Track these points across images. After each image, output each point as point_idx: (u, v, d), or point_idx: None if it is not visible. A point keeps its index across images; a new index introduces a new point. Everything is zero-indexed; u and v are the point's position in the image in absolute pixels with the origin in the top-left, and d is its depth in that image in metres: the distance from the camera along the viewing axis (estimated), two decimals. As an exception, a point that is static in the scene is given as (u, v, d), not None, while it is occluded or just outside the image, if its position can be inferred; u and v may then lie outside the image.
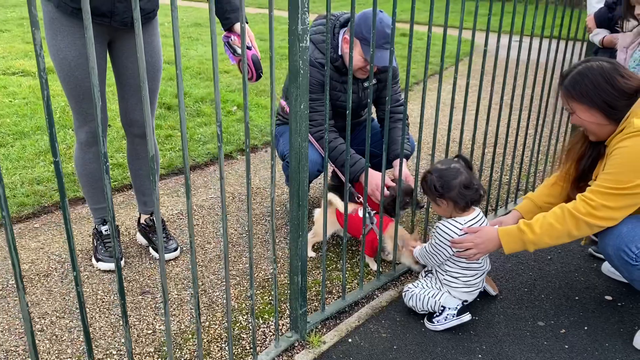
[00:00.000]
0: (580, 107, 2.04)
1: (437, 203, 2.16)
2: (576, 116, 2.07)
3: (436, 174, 2.12)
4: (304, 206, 1.92)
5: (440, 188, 2.10)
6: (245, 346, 2.09)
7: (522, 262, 2.65)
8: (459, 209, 2.15)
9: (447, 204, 2.13)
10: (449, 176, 2.10)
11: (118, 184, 3.46)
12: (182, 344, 2.10)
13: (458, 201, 2.12)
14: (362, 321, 2.22)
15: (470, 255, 2.11)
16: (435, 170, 2.14)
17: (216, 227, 2.98)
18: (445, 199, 2.12)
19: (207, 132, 4.36)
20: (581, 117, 2.05)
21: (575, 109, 2.05)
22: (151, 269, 2.58)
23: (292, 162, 1.85)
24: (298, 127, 1.79)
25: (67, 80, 2.27)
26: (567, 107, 2.10)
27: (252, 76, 2.46)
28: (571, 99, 2.05)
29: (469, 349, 2.07)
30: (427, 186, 2.14)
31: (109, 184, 1.34)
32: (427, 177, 2.14)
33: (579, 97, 2.02)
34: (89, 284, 2.46)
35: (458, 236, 2.12)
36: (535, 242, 2.05)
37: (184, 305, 2.33)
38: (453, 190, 2.09)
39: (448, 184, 2.09)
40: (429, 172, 2.16)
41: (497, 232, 2.10)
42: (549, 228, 2.02)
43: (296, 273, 2.00)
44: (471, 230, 2.12)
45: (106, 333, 2.15)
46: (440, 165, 2.15)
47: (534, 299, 2.37)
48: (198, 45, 8.01)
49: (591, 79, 1.99)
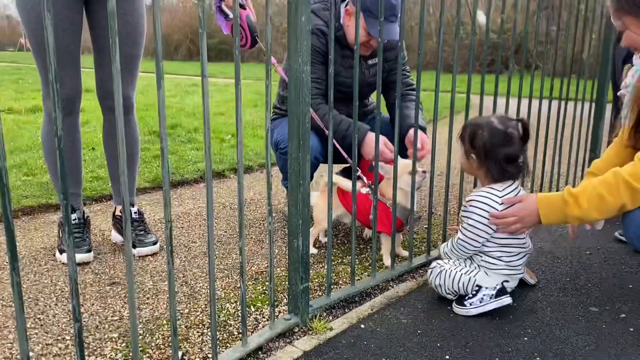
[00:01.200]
0: (634, 21, 1.72)
1: (469, 160, 1.81)
2: (627, 36, 1.76)
3: (487, 132, 1.74)
4: (306, 149, 1.59)
5: (483, 149, 1.74)
6: (233, 332, 1.68)
7: (557, 257, 2.27)
8: (489, 179, 1.81)
9: (478, 166, 1.80)
10: (499, 141, 1.73)
11: (96, 194, 3.12)
12: (155, 329, 1.69)
13: (493, 172, 1.77)
14: (377, 309, 1.82)
15: (515, 230, 1.75)
16: (488, 126, 1.75)
17: (202, 230, 2.61)
18: (481, 162, 1.77)
19: (199, 155, 4.08)
20: (634, 37, 1.74)
21: (629, 24, 1.73)
22: (124, 264, 2.19)
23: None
24: (299, 46, 1.50)
25: (35, 35, 2.00)
26: (619, 25, 1.78)
27: (245, 42, 2.19)
28: (623, 12, 1.73)
29: (511, 332, 1.66)
30: (470, 139, 1.78)
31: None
32: (477, 131, 1.76)
33: (633, 8, 1.71)
34: (48, 276, 2.07)
35: (499, 205, 1.76)
36: (581, 217, 1.69)
37: (160, 294, 1.93)
38: (494, 158, 1.74)
39: (494, 150, 1.73)
40: (478, 125, 1.77)
41: (536, 200, 1.76)
42: (599, 201, 1.66)
43: (295, 235, 1.63)
44: (512, 201, 1.76)
45: (60, 320, 1.74)
46: (496, 122, 1.76)
47: (580, 287, 1.98)
48: (194, 96, 7.93)
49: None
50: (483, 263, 1.80)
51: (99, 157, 3.88)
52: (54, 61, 0.98)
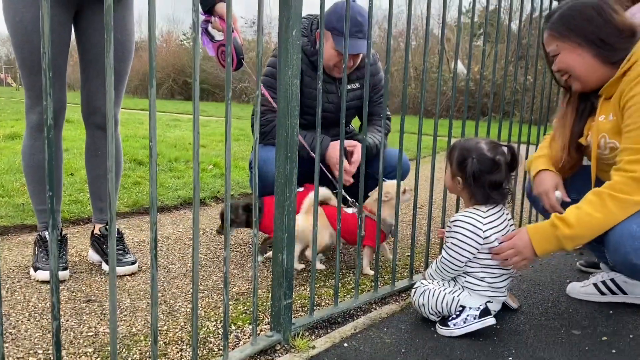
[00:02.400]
0: (568, 47, 1.77)
1: (454, 180, 1.83)
2: (561, 59, 1.80)
3: (476, 159, 1.74)
4: (293, 160, 1.60)
5: (471, 176, 1.74)
6: (213, 348, 1.63)
7: (538, 284, 2.28)
8: (473, 201, 1.82)
9: (462, 189, 1.81)
10: (486, 168, 1.74)
11: (74, 217, 3.05)
12: (132, 344, 1.63)
13: (476, 196, 1.79)
14: (360, 329, 1.79)
15: (516, 263, 1.75)
16: (477, 152, 1.75)
17: (182, 252, 2.57)
18: (466, 185, 1.78)
19: (179, 183, 4.05)
20: (568, 60, 1.79)
21: (562, 49, 1.78)
22: (101, 282, 2.14)
23: (281, 103, 1.56)
24: (289, 59, 1.53)
25: (21, 47, 1.99)
26: (553, 49, 1.83)
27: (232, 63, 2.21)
28: (558, 36, 1.78)
29: (495, 352, 1.65)
30: (458, 162, 1.78)
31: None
32: (466, 157, 1.75)
33: (568, 34, 1.75)
34: (21, 293, 2.00)
35: (483, 225, 1.76)
36: (573, 238, 1.69)
37: (137, 312, 1.87)
38: (480, 184, 1.75)
39: (480, 176, 1.74)
40: (467, 149, 1.76)
41: (527, 231, 1.76)
42: (588, 219, 1.68)
43: (280, 249, 1.62)
44: (507, 237, 1.77)
45: (33, 335, 1.68)
46: (485, 149, 1.76)
47: (562, 312, 1.98)
48: (176, 130, 7.93)
49: (583, 13, 1.74)
50: (467, 284, 1.80)
51: (77, 182, 3.82)
52: (48, 65, 0.98)
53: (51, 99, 0.97)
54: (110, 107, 1.08)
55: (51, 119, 1.00)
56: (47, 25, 0.96)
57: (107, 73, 1.07)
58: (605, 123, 1.81)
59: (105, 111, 2.18)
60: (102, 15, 2.06)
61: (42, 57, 0.96)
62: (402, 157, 2.06)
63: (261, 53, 1.44)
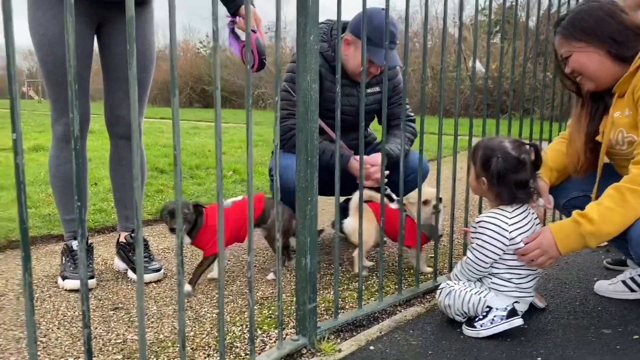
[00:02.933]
0: (580, 47, 1.80)
1: (478, 181, 1.80)
2: (575, 58, 1.82)
3: (501, 158, 1.72)
4: (314, 164, 1.60)
5: (496, 175, 1.72)
6: (240, 353, 1.64)
7: (565, 282, 2.25)
8: (498, 202, 1.80)
9: (487, 189, 1.78)
10: (511, 168, 1.72)
11: (98, 226, 3.10)
12: (160, 351, 1.65)
13: (502, 196, 1.76)
14: (385, 332, 1.78)
15: (542, 263, 1.73)
16: (502, 151, 1.73)
17: (207, 258, 2.59)
18: (492, 185, 1.76)
19: (201, 189, 4.09)
20: (580, 60, 1.80)
21: (575, 50, 1.81)
22: (127, 290, 2.17)
23: (300, 107, 1.57)
24: (307, 64, 1.53)
25: (45, 61, 2.04)
26: (564, 51, 1.85)
27: (253, 63, 2.21)
28: (570, 38, 1.81)
29: (524, 353, 1.63)
30: (483, 162, 1.76)
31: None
32: (491, 156, 1.73)
33: (579, 35, 1.78)
34: (50, 302, 2.04)
35: (509, 226, 1.74)
36: (596, 233, 1.68)
37: (164, 319, 1.89)
38: (505, 184, 1.73)
39: (506, 176, 1.72)
40: (492, 149, 1.74)
41: (550, 230, 1.75)
42: (609, 213, 1.66)
43: (303, 253, 1.62)
44: (531, 239, 1.75)
45: (63, 343, 1.71)
46: (510, 148, 1.74)
47: (590, 310, 1.95)
48: (195, 137, 8.00)
49: (592, 14, 1.78)
50: (493, 285, 1.78)
51: (101, 191, 3.88)
52: (74, 77, 1.00)
53: (78, 110, 0.99)
54: (134, 116, 1.09)
55: (78, 130, 1.02)
56: (72, 39, 0.98)
57: (130, 83, 1.09)
58: (622, 118, 1.82)
59: (128, 120, 2.23)
60: (122, 27, 2.12)
61: (67, 70, 0.98)
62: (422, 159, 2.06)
63: (279, 59, 1.45)
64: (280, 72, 1.49)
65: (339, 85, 1.66)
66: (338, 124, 1.70)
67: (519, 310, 1.78)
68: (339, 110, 1.69)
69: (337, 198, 1.76)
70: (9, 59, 0.92)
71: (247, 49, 1.37)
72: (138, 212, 1.14)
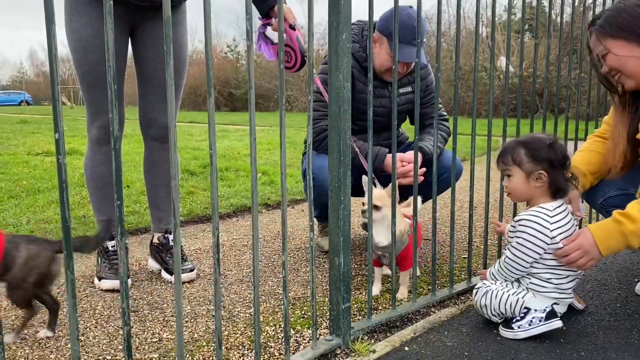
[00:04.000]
0: (617, 44, 1.75)
1: (529, 180, 1.72)
2: (612, 56, 1.77)
3: (553, 144, 1.71)
4: (346, 164, 1.59)
5: (557, 161, 1.70)
6: (274, 353, 1.64)
7: (604, 284, 2.19)
8: (549, 194, 1.74)
9: (544, 183, 1.71)
10: (562, 150, 1.73)
11: (132, 227, 3.15)
12: (195, 350, 1.66)
13: (559, 184, 1.72)
14: (419, 333, 1.76)
15: (583, 264, 1.68)
16: (548, 140, 1.72)
17: (238, 259, 2.61)
18: (550, 177, 1.70)
19: (230, 191, 4.12)
20: (619, 55, 1.75)
21: (612, 47, 1.76)
22: (161, 290, 2.19)
23: (332, 102, 1.56)
24: (339, 63, 1.53)
25: (81, 64, 2.08)
26: (601, 50, 1.80)
27: (295, 63, 2.19)
28: (607, 36, 1.76)
29: (563, 355, 1.59)
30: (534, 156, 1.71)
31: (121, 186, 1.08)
32: (542, 147, 1.71)
33: (616, 32, 1.74)
34: (87, 301, 2.07)
35: (550, 225, 1.69)
36: (638, 232, 1.62)
37: (199, 318, 1.90)
38: (561, 170, 1.71)
39: (565, 159, 1.72)
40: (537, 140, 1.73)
41: (590, 230, 1.70)
42: None
43: (337, 253, 1.62)
44: (570, 240, 1.70)
45: (101, 341, 1.73)
46: (544, 137, 1.74)
47: (632, 313, 1.90)
48: (224, 140, 8.08)
49: (628, 11, 1.74)
50: (531, 286, 1.74)
51: (133, 193, 3.94)
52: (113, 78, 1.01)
53: (117, 111, 1.01)
54: (171, 115, 1.11)
55: (117, 130, 1.03)
56: (112, 40, 1.00)
57: (167, 83, 1.10)
58: None
59: (161, 123, 2.26)
60: (156, 31, 2.15)
61: (107, 71, 1.00)
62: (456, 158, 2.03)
63: (312, 57, 1.45)
64: (313, 69, 1.49)
65: (371, 83, 1.65)
66: (370, 122, 1.69)
67: (558, 312, 1.73)
68: (371, 109, 1.67)
69: (370, 197, 1.75)
70: (51, 59, 0.94)
71: (280, 46, 1.37)
72: (176, 210, 1.15)
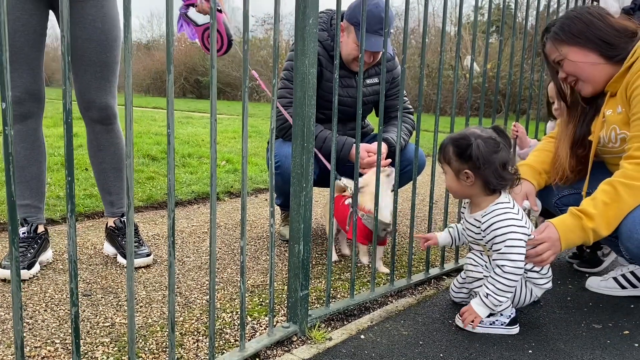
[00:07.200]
0: (572, 50, 1.82)
1: (459, 179, 1.70)
2: (568, 62, 1.83)
3: (480, 141, 1.63)
4: (309, 150, 1.58)
5: (481, 159, 1.63)
6: (229, 339, 1.62)
7: (557, 279, 2.24)
8: (486, 192, 1.72)
9: (472, 182, 1.68)
10: (491, 148, 1.64)
11: (89, 210, 3.07)
12: (148, 335, 1.63)
13: (490, 181, 1.66)
14: (376, 322, 1.77)
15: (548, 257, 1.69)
16: (474, 136, 1.65)
17: (197, 246, 2.57)
18: (477, 176, 1.67)
19: (193, 178, 4.05)
20: (575, 60, 1.82)
21: (567, 54, 1.83)
22: (116, 274, 2.14)
23: (298, 91, 1.54)
24: (306, 48, 1.51)
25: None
26: (557, 56, 1.86)
27: (221, 46, 2.10)
28: (561, 42, 1.83)
29: (515, 345, 1.62)
30: (459, 154, 1.67)
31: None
32: (467, 144, 1.64)
33: (571, 38, 1.81)
34: (37, 284, 2.00)
35: (520, 217, 1.69)
36: (595, 228, 1.67)
37: (154, 304, 1.87)
38: (491, 166, 1.64)
39: (488, 157, 1.64)
40: (463, 138, 1.66)
41: (554, 224, 1.72)
42: (604, 208, 1.67)
43: (297, 240, 1.61)
44: (538, 232, 1.71)
45: (50, 325, 1.68)
46: (479, 132, 1.67)
47: (581, 305, 1.95)
48: (188, 126, 7.94)
49: (582, 19, 1.81)
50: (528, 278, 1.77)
51: (91, 177, 3.82)
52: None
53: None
54: (129, 93, 1.07)
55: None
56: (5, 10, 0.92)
57: (125, 57, 1.06)
58: (615, 116, 1.85)
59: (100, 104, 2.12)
60: (80, 7, 1.99)
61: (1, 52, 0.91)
62: (419, 152, 2.04)
63: (278, 40, 1.43)
64: (278, 52, 1.47)
65: (337, 71, 1.64)
66: (335, 110, 1.68)
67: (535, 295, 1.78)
68: (336, 96, 1.66)
69: (333, 185, 1.74)
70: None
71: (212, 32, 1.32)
72: (130, 190, 1.12)
